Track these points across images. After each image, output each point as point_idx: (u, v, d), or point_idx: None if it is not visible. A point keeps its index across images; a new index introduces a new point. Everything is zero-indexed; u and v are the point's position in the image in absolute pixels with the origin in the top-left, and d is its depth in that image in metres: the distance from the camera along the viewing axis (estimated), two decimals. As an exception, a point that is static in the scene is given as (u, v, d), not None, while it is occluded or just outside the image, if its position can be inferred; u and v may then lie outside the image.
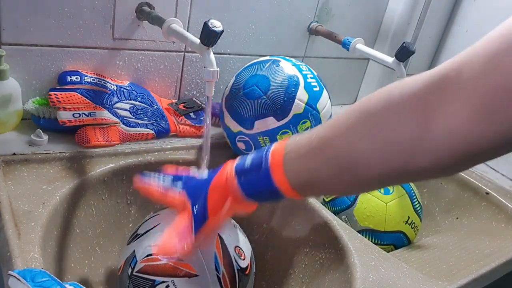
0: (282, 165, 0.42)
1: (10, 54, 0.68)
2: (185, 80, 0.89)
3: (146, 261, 0.49)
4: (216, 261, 0.50)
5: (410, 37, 1.08)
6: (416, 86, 0.35)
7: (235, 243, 0.54)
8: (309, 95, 0.72)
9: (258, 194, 0.44)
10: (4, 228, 0.51)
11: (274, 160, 0.42)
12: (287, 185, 0.42)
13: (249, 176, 0.44)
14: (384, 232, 0.78)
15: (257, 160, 0.44)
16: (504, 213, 0.87)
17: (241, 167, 0.45)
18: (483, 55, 0.31)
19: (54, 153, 0.67)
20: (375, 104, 0.37)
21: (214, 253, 0.50)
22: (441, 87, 0.33)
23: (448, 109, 0.32)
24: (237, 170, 0.45)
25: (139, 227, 0.55)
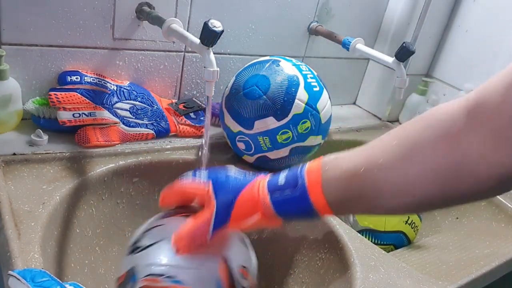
0: (320, 184, 0.42)
1: (10, 54, 0.68)
2: (185, 80, 0.89)
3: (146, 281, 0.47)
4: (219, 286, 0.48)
5: (410, 37, 1.08)
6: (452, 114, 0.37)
7: (241, 262, 0.52)
8: (309, 95, 0.72)
9: (292, 213, 0.44)
10: (4, 228, 0.51)
11: (311, 178, 0.42)
12: (324, 204, 0.42)
13: (284, 194, 0.43)
14: (384, 232, 0.78)
15: (292, 178, 0.44)
16: (504, 213, 0.87)
17: (274, 184, 0.45)
18: (504, 83, 0.33)
19: (54, 153, 0.67)
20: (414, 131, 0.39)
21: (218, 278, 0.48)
22: (471, 116, 0.35)
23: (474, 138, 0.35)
24: (270, 187, 0.45)
25: (141, 238, 0.52)
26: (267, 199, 0.44)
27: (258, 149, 0.74)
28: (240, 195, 0.46)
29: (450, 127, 0.36)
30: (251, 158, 0.77)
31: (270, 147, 0.73)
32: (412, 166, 0.38)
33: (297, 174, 0.44)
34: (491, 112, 0.34)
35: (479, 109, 0.35)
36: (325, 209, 0.42)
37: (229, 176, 0.48)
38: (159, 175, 0.74)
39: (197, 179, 0.49)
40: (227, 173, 0.49)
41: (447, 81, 1.17)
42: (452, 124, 0.36)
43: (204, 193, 0.48)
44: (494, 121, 0.33)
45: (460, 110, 0.36)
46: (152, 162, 0.73)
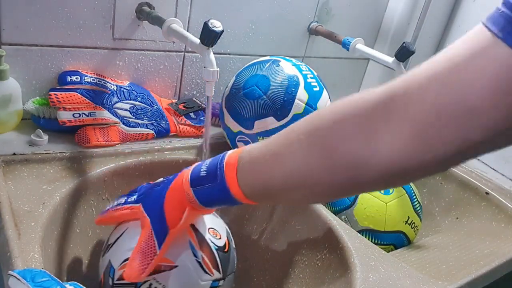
0: (236, 178, 0.43)
1: (10, 54, 0.68)
2: (185, 80, 0.89)
3: (123, 267, 0.49)
4: (193, 248, 0.50)
5: (410, 37, 1.08)
6: (364, 105, 0.35)
7: (208, 225, 0.54)
8: (309, 95, 0.72)
9: (215, 203, 0.45)
10: (4, 228, 0.51)
11: (229, 171, 0.43)
12: (242, 196, 0.43)
13: (205, 186, 0.44)
14: (384, 232, 0.78)
15: (212, 170, 0.44)
16: (504, 213, 0.87)
17: (196, 176, 0.45)
18: (425, 77, 0.32)
19: (54, 153, 0.67)
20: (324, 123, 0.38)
21: (189, 241, 0.50)
22: (387, 106, 0.33)
23: (389, 129, 0.33)
24: (192, 180, 0.45)
25: (109, 237, 0.54)
26: (190, 192, 0.45)
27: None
28: (165, 200, 0.47)
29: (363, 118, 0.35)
30: (251, 158, 0.77)
31: (270, 147, 0.73)
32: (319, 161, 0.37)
33: (217, 166, 0.44)
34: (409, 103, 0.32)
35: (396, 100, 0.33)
36: (245, 199, 0.43)
37: (153, 187, 0.50)
38: (159, 175, 0.73)
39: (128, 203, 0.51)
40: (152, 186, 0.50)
41: (447, 81, 1.17)
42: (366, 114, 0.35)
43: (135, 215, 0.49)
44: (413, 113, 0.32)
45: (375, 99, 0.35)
46: (152, 162, 0.73)
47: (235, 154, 0.44)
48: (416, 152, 0.32)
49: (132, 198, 0.51)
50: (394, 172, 0.34)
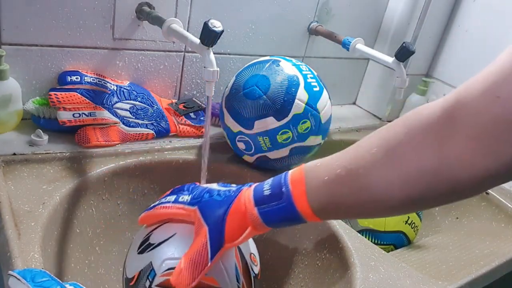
0: (305, 194, 0.42)
1: (10, 54, 0.68)
2: (185, 80, 0.89)
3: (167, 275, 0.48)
4: (237, 272, 0.49)
5: (410, 37, 1.08)
6: (431, 117, 0.36)
7: (249, 250, 0.54)
8: (309, 95, 0.72)
9: (280, 222, 0.45)
10: (4, 228, 0.51)
11: (295, 188, 0.43)
12: (310, 212, 0.43)
13: (270, 206, 0.44)
14: (384, 232, 0.78)
15: (276, 189, 0.44)
16: (504, 213, 0.87)
17: (260, 196, 0.45)
18: (483, 85, 0.33)
19: (54, 153, 0.67)
20: (394, 135, 0.39)
21: (234, 263, 0.50)
22: (451, 118, 0.35)
23: (456, 140, 0.34)
24: (256, 199, 0.45)
25: (150, 235, 0.52)
26: (254, 212, 0.45)
27: (258, 149, 0.74)
28: (228, 214, 0.46)
29: (430, 130, 0.36)
30: (251, 158, 0.77)
31: (270, 147, 0.73)
32: (392, 172, 0.38)
33: (282, 184, 0.44)
34: (471, 113, 0.33)
35: (459, 110, 0.34)
36: (312, 216, 0.43)
37: (213, 196, 0.48)
38: (159, 175, 0.74)
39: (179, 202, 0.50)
40: (212, 192, 0.49)
41: (447, 81, 1.17)
42: (432, 127, 0.36)
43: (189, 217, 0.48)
44: (475, 123, 0.33)
45: (439, 112, 0.36)
46: (152, 162, 0.73)
47: (299, 170, 0.44)
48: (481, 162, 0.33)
49: (183, 197, 0.50)
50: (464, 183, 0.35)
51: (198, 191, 0.50)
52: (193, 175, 0.72)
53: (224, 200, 0.47)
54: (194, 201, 0.49)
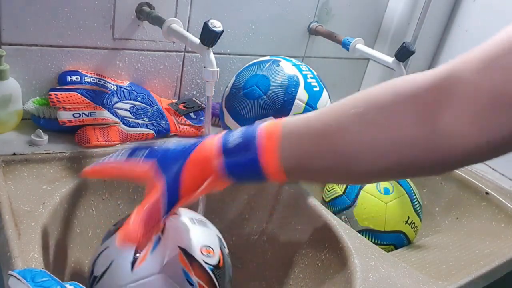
0: (278, 150, 0.39)
1: (10, 54, 0.68)
2: (185, 80, 0.89)
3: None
4: (187, 276, 0.47)
5: (410, 37, 1.08)
6: (422, 86, 0.35)
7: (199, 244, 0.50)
8: (309, 95, 0.72)
9: (245, 176, 0.41)
10: (4, 228, 0.51)
11: (268, 143, 0.40)
12: (279, 170, 0.40)
13: (238, 157, 0.41)
14: (384, 232, 0.78)
15: (247, 139, 0.41)
16: (504, 213, 0.87)
17: (227, 143, 0.42)
18: (481, 59, 0.32)
19: (54, 153, 0.67)
20: (382, 98, 0.37)
21: (182, 270, 0.47)
22: (444, 89, 0.33)
23: (450, 112, 0.33)
24: (224, 147, 0.42)
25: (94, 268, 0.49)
26: (220, 161, 0.41)
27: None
28: (186, 163, 0.42)
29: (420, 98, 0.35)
30: (251, 158, 0.77)
31: (270, 147, 0.73)
32: (380, 133, 0.36)
33: (255, 134, 0.41)
34: (468, 86, 0.32)
35: (454, 83, 0.33)
36: (279, 174, 0.40)
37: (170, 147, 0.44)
38: (159, 175, 0.74)
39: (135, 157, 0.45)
40: (168, 146, 0.45)
41: (447, 81, 1.17)
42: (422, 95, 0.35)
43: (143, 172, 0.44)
44: (472, 96, 0.32)
45: (430, 82, 0.34)
46: (152, 162, 0.73)
47: (276, 124, 0.41)
48: (473, 135, 0.32)
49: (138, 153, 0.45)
50: (454, 154, 0.34)
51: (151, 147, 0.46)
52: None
53: (184, 149, 0.43)
54: (152, 154, 0.44)
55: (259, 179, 0.41)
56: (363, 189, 0.80)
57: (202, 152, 0.42)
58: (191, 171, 0.42)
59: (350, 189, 0.81)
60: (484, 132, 0.32)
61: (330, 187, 0.85)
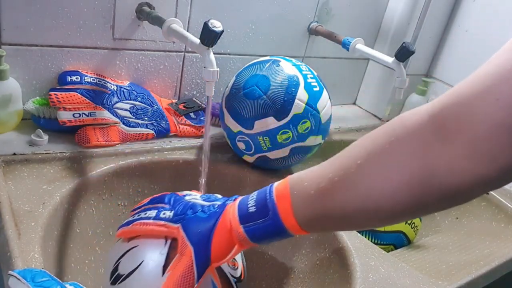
0: (291, 209, 0.42)
1: (10, 54, 0.68)
2: (185, 80, 0.89)
3: None
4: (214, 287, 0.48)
5: (410, 37, 1.08)
6: (417, 124, 0.35)
7: None
8: (309, 95, 0.72)
9: (266, 239, 0.44)
10: (4, 228, 0.51)
11: (281, 204, 0.42)
12: (297, 227, 0.42)
13: (256, 224, 0.43)
14: (384, 232, 0.78)
15: (261, 205, 0.43)
16: (504, 213, 0.87)
17: (244, 213, 0.44)
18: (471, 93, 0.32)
19: (54, 153, 0.67)
20: (379, 145, 0.38)
21: (211, 280, 0.48)
22: (440, 123, 0.34)
23: (447, 149, 0.33)
24: (241, 217, 0.44)
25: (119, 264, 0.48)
26: (240, 230, 0.44)
27: (258, 149, 0.74)
28: (214, 233, 0.45)
29: (416, 139, 0.35)
30: (251, 158, 0.77)
31: (270, 147, 0.73)
32: (379, 183, 0.37)
33: (267, 199, 0.43)
34: (465, 118, 0.32)
35: (450, 116, 0.33)
36: (299, 230, 0.42)
37: (196, 213, 0.47)
38: (159, 175, 0.74)
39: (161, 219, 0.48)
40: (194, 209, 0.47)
41: (447, 81, 1.17)
42: (418, 135, 0.35)
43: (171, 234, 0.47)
44: (470, 128, 0.31)
45: (426, 119, 0.35)
46: (152, 162, 0.73)
47: (284, 184, 0.43)
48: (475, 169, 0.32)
49: (164, 213, 0.48)
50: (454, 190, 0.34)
51: (180, 207, 0.48)
52: (193, 175, 0.72)
53: (209, 217, 0.46)
54: (176, 218, 0.47)
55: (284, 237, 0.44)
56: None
57: (225, 224, 0.45)
58: (218, 241, 0.44)
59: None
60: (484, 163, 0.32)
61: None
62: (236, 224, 0.44)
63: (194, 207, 0.47)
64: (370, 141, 0.39)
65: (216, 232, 0.44)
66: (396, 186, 0.36)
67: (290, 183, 0.43)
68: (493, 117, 0.30)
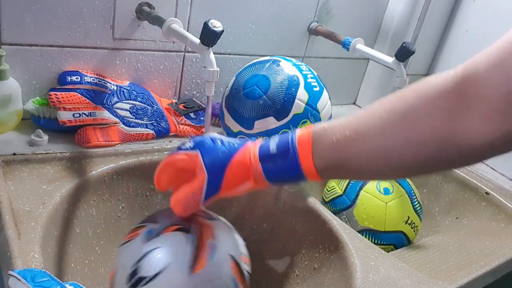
0: (311, 153, 0.44)
1: (10, 54, 0.68)
2: (185, 80, 0.89)
3: None
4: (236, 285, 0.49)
5: (410, 37, 1.08)
6: (442, 88, 0.38)
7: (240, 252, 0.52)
8: (309, 95, 0.72)
9: (283, 179, 0.46)
10: (4, 228, 0.51)
11: (302, 148, 0.44)
12: (314, 172, 0.44)
13: (276, 163, 0.45)
14: (384, 232, 0.78)
15: (283, 147, 0.45)
16: (504, 213, 0.87)
17: (265, 152, 0.46)
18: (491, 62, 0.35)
19: (54, 153, 0.67)
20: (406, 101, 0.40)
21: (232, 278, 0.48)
22: (462, 89, 0.36)
23: (468, 110, 0.36)
24: (261, 155, 0.46)
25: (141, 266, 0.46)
26: (259, 167, 0.46)
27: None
28: (230, 163, 0.47)
29: (442, 100, 0.38)
30: (251, 158, 0.77)
31: (270, 147, 0.73)
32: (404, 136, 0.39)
33: (289, 143, 0.45)
34: (482, 84, 0.35)
35: (470, 81, 0.36)
36: (314, 175, 0.44)
37: (216, 143, 0.49)
38: (159, 175, 0.74)
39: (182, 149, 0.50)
40: (215, 139, 0.49)
41: (447, 81, 1.17)
42: (444, 96, 0.37)
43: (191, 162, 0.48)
44: (486, 94, 0.34)
45: (450, 84, 0.37)
46: (152, 162, 0.73)
47: (307, 131, 0.45)
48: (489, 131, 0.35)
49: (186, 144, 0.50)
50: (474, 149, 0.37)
51: (200, 138, 0.50)
52: (193, 175, 0.71)
53: (228, 148, 0.48)
54: (196, 145, 0.49)
55: (299, 180, 0.46)
56: (363, 189, 0.80)
57: (245, 157, 0.47)
58: (233, 171, 0.47)
59: (350, 189, 0.81)
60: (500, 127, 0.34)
61: (330, 187, 0.85)
62: (256, 161, 0.46)
63: (214, 139, 0.50)
64: (395, 98, 0.41)
65: (232, 162, 0.47)
66: (422, 139, 0.38)
67: (313, 130, 0.45)
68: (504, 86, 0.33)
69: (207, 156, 0.47)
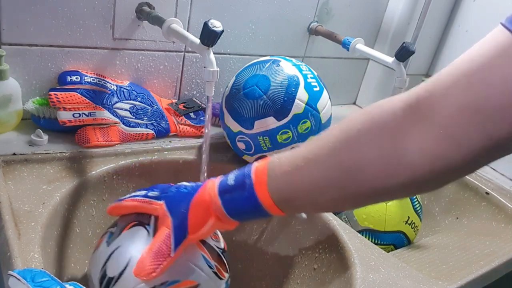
0: (266, 184, 0.42)
1: (10, 54, 0.68)
2: (185, 80, 0.89)
3: None
4: (206, 260, 0.50)
5: (410, 37, 1.08)
6: (393, 108, 0.36)
7: None
8: (309, 95, 0.72)
9: (243, 213, 0.45)
10: (4, 228, 0.51)
11: (257, 178, 0.43)
12: (271, 203, 0.42)
13: (233, 196, 0.44)
14: (384, 232, 0.78)
15: (240, 179, 0.44)
16: (504, 213, 0.87)
17: (224, 186, 0.45)
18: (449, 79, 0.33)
19: (54, 153, 0.67)
20: (353, 126, 0.39)
21: (201, 255, 0.50)
22: (414, 108, 0.35)
23: (418, 130, 0.34)
24: (220, 190, 0.45)
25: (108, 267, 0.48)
26: (218, 201, 0.44)
27: (258, 149, 0.74)
28: (191, 204, 0.46)
29: (390, 121, 0.36)
30: (251, 158, 0.77)
31: (270, 147, 0.73)
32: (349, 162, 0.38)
33: (245, 174, 0.44)
34: (440, 102, 0.33)
35: (426, 101, 0.34)
36: (274, 209, 0.43)
37: (179, 188, 0.49)
38: (159, 175, 0.74)
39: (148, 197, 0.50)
40: (178, 186, 0.50)
41: (447, 81, 1.17)
42: (392, 118, 0.36)
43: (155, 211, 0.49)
44: (444, 112, 0.33)
45: (401, 104, 0.36)
46: (152, 162, 0.73)
47: (264, 162, 0.44)
48: (444, 152, 0.33)
49: (153, 193, 0.50)
50: (424, 174, 0.35)
51: (167, 188, 0.51)
52: (193, 175, 0.72)
53: (189, 192, 0.48)
54: (162, 196, 0.49)
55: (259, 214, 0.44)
56: (363, 189, 0.80)
57: (204, 195, 0.46)
58: (195, 212, 0.46)
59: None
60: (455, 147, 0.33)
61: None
62: (215, 196, 0.45)
63: (179, 186, 0.50)
64: (345, 123, 0.40)
65: (193, 203, 0.46)
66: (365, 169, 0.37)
67: (269, 161, 0.44)
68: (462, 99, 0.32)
69: (171, 202, 0.48)
